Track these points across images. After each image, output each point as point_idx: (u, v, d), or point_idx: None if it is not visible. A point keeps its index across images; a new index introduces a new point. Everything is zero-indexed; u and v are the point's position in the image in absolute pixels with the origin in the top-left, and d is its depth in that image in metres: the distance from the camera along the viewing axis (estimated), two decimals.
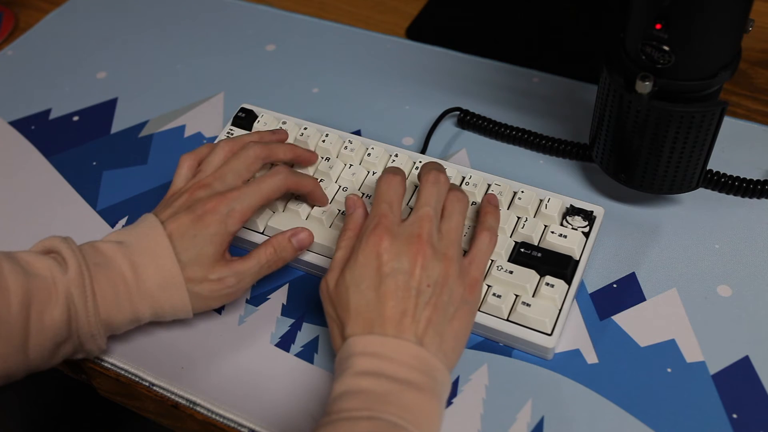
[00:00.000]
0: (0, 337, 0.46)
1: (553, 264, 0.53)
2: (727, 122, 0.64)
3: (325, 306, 0.49)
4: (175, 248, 0.50)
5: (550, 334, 0.51)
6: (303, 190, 0.56)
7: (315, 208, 0.58)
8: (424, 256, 0.47)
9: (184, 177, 0.56)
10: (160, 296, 0.50)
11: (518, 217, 0.57)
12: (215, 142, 0.58)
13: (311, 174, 0.61)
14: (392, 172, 0.52)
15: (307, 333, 0.55)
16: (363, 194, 0.59)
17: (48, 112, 0.74)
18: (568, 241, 0.54)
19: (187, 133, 0.70)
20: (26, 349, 0.47)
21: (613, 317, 0.53)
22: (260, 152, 0.55)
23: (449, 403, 0.50)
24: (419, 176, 0.53)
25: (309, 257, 0.56)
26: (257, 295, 0.57)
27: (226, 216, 0.51)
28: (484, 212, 0.54)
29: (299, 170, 0.60)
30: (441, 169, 0.53)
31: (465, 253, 0.52)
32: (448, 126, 0.68)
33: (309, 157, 0.60)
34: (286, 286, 0.58)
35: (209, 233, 0.51)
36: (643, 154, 0.54)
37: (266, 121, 0.65)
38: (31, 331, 0.47)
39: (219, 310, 0.56)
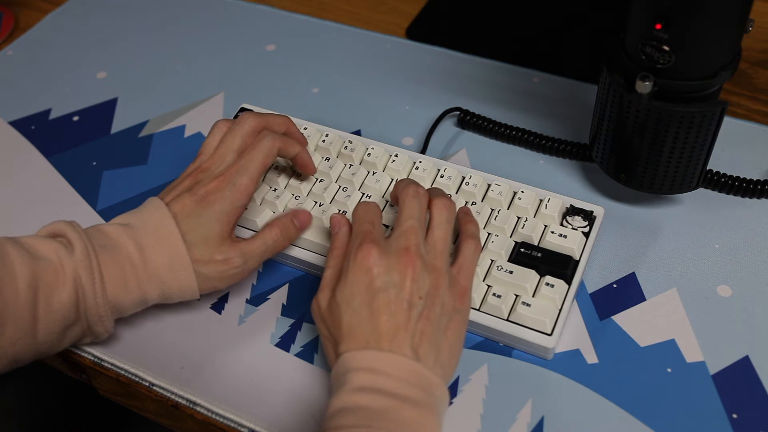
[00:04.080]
0: (8, 321, 0.46)
1: (553, 264, 0.53)
2: (727, 122, 0.64)
3: (318, 325, 0.49)
4: (180, 229, 0.50)
5: (550, 334, 0.51)
6: (291, 151, 0.56)
7: (314, 208, 0.58)
8: (414, 269, 0.46)
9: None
10: (167, 277, 0.50)
11: (518, 217, 0.56)
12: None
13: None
14: (365, 201, 0.53)
15: (307, 333, 0.55)
16: (364, 194, 0.59)
17: (48, 112, 0.74)
18: (568, 241, 0.54)
19: (187, 133, 0.70)
20: (35, 333, 0.47)
21: (613, 317, 0.53)
22: (255, 123, 0.55)
23: (449, 403, 0.50)
24: (395, 193, 0.53)
25: (309, 257, 0.56)
26: (257, 295, 0.57)
27: (230, 192, 0.51)
28: (464, 221, 0.53)
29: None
30: (417, 183, 0.52)
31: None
32: (448, 126, 0.68)
33: (300, 138, 0.59)
34: (286, 286, 0.58)
35: (215, 211, 0.51)
36: (643, 154, 0.54)
37: None
38: (40, 315, 0.47)
39: (219, 310, 0.56)
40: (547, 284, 0.52)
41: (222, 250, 0.51)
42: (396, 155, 0.61)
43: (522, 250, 0.54)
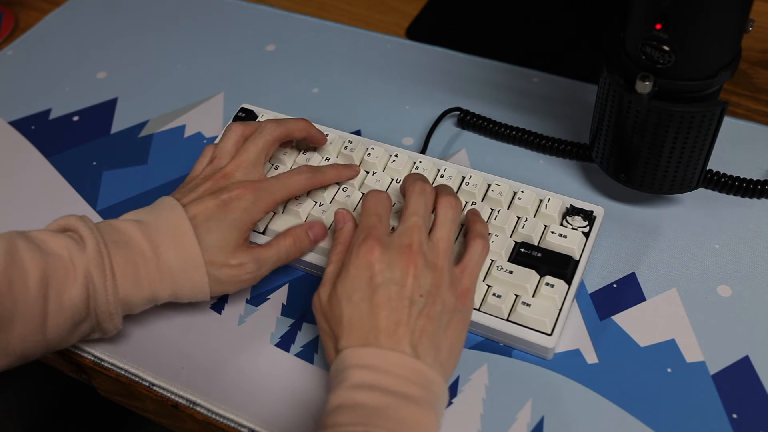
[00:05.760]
0: (18, 317, 0.46)
1: (553, 264, 0.53)
2: (727, 122, 0.64)
3: (318, 320, 0.49)
4: (197, 231, 0.50)
5: (550, 334, 0.51)
6: (328, 184, 0.59)
7: (314, 208, 0.58)
8: (416, 266, 0.46)
9: (203, 165, 0.56)
10: (180, 277, 0.50)
11: (518, 217, 0.57)
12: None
13: None
14: (378, 189, 0.53)
15: (307, 333, 0.55)
16: (363, 194, 0.59)
17: (48, 112, 0.74)
18: (568, 241, 0.54)
19: (187, 133, 0.70)
20: (45, 330, 0.47)
21: (613, 317, 0.53)
22: (277, 133, 0.56)
23: (449, 403, 0.50)
24: (403, 188, 0.53)
25: (309, 257, 0.56)
26: (257, 295, 0.57)
27: (252, 204, 0.52)
28: (473, 221, 0.54)
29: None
30: (425, 179, 0.53)
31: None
32: (448, 126, 0.68)
33: (320, 139, 0.61)
34: (286, 286, 0.58)
35: (234, 218, 0.51)
36: (643, 154, 0.54)
37: None
38: (50, 312, 0.47)
39: (219, 310, 0.56)
40: (547, 284, 0.52)
41: (237, 256, 0.51)
42: (396, 155, 0.61)
43: (522, 250, 0.54)
